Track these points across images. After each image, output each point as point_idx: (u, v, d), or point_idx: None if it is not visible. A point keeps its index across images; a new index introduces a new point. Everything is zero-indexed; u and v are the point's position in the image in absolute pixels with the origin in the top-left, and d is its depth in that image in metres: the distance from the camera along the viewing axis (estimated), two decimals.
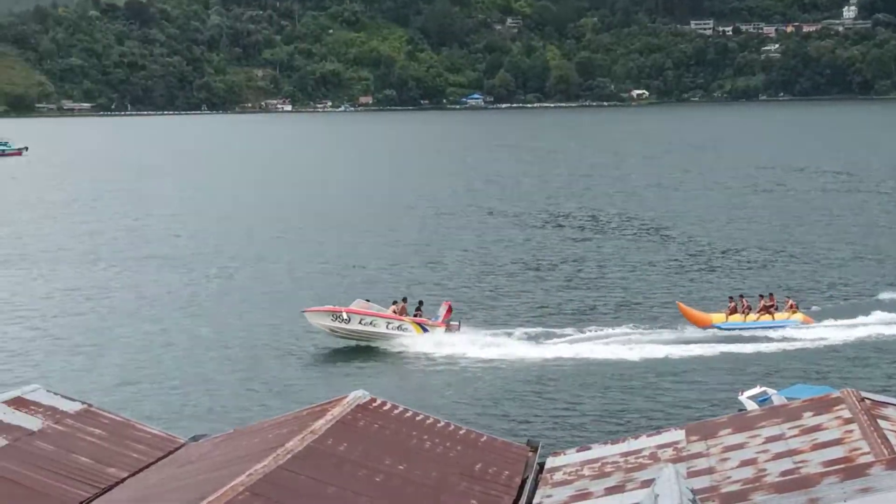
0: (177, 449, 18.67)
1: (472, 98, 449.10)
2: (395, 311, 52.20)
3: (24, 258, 79.25)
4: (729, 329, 52.01)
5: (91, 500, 15.97)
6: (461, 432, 18.08)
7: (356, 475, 15.24)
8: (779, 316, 52.67)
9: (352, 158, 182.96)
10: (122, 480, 16.87)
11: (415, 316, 52.23)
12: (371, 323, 51.43)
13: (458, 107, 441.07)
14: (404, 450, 16.66)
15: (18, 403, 19.00)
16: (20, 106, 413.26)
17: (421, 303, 53.60)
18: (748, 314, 53.05)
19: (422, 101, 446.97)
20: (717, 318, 53.15)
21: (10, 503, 15.38)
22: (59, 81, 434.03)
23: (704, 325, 52.47)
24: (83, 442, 18.07)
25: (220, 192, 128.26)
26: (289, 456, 15.15)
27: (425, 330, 51.42)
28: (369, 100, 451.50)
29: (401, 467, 15.87)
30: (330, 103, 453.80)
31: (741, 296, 54.71)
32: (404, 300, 53.29)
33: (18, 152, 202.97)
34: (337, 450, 15.92)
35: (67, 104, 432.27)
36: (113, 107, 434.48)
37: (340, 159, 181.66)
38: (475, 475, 16.25)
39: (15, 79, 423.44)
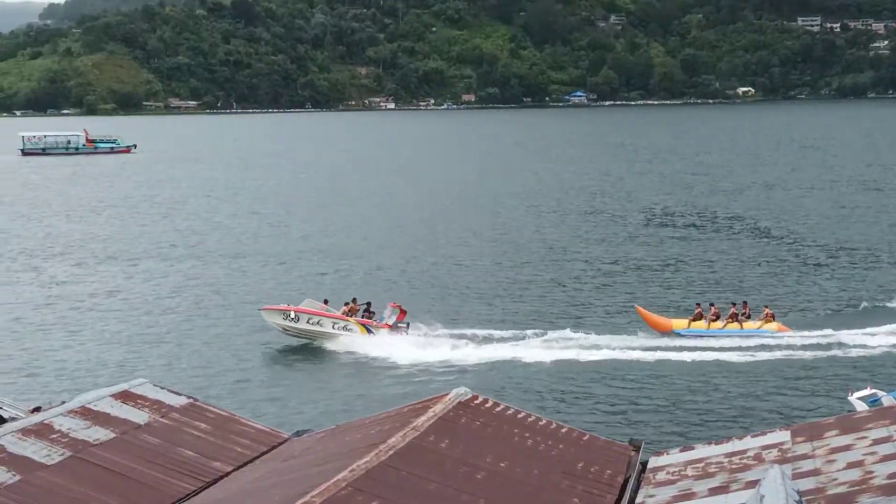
0: (280, 444, 18.81)
1: (574, 96, 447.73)
2: (344, 312, 53.09)
3: (131, 254, 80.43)
4: (689, 335, 50.99)
5: (196, 494, 16.15)
6: (563, 430, 18.00)
7: (457, 472, 15.24)
8: (749, 325, 51.28)
9: (456, 156, 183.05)
10: (227, 474, 17.05)
11: (363, 317, 52.86)
12: (318, 322, 52.58)
13: (560, 104, 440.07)
14: (506, 447, 16.62)
15: (125, 397, 19.29)
16: (128, 104, 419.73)
17: (369, 304, 53.78)
18: (712, 322, 51.81)
19: (524, 99, 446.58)
20: (678, 324, 52.06)
21: (116, 495, 15.61)
22: (166, 80, 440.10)
23: (663, 331, 51.57)
24: (189, 436, 18.28)
25: (324, 188, 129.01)
26: (391, 452, 15.19)
27: (369, 331, 52.18)
28: (471, 98, 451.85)
29: (502, 465, 15.84)
30: (432, 101, 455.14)
31: (711, 304, 53.52)
32: (354, 301, 54.04)
33: (127, 149, 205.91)
34: (438, 447, 15.93)
35: (174, 102, 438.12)
36: (219, 105, 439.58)
37: (445, 157, 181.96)
38: (577, 474, 16.16)
39: (123, 77, 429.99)
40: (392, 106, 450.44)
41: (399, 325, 52.49)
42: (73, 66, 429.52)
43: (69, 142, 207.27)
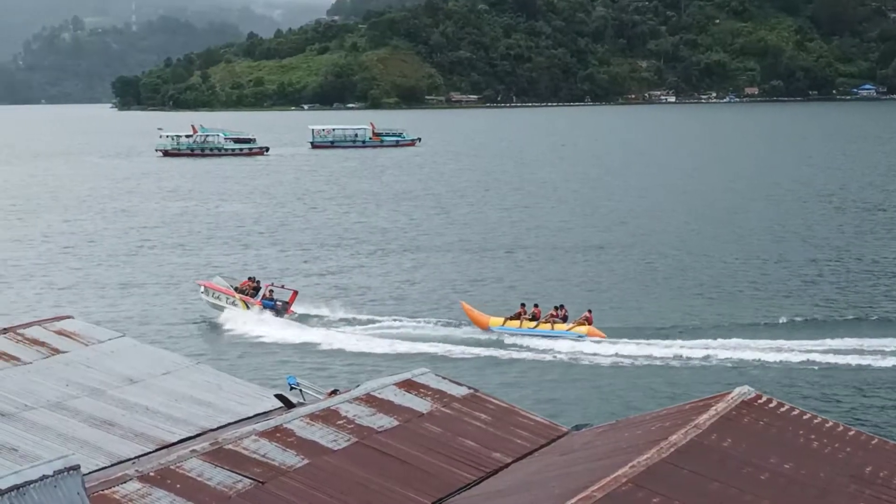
0: (559, 437, 18.83)
1: (863, 89, 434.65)
2: (236, 288, 57.69)
3: (415, 246, 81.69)
4: (503, 332, 51.95)
5: (476, 484, 16.33)
6: (850, 433, 17.46)
7: (740, 472, 14.96)
8: (560, 327, 51.39)
9: (743, 150, 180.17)
10: (507, 465, 17.18)
11: (249, 295, 57.25)
12: (216, 297, 57.60)
13: (848, 98, 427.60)
14: (790, 449, 16.23)
15: (409, 386, 19.69)
16: (410, 98, 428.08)
17: (258, 281, 58.79)
18: (527, 321, 52.25)
19: (810, 92, 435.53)
20: (495, 321, 52.77)
21: (399, 481, 15.92)
22: (447, 74, 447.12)
23: (483, 327, 52.66)
24: (469, 426, 18.50)
25: (607, 184, 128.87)
26: (672, 450, 15.03)
27: (248, 307, 56.46)
28: (755, 91, 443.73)
29: (786, 466, 15.47)
30: (714, 94, 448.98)
31: (536, 305, 53.21)
32: (250, 279, 59.15)
33: (412, 143, 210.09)
34: (720, 445, 15.68)
35: (455, 96, 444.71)
36: (498, 98, 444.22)
37: (739, 149, 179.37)
38: (865, 478, 15.65)
39: (406, 71, 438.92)
40: (672, 99, 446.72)
41: (285, 305, 56.49)
42: (359, 60, 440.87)
43: (356, 135, 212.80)
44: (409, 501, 15.43)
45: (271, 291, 57.60)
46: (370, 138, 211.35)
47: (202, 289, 59.10)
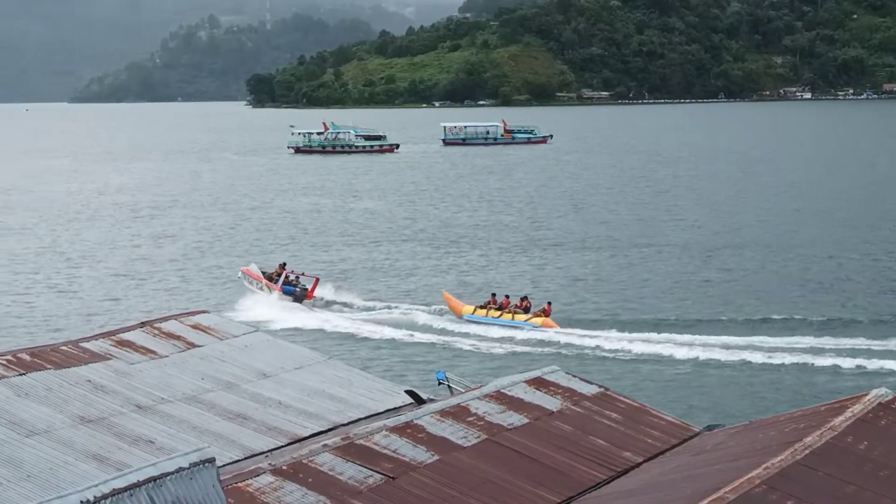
0: (691, 437, 18.67)
1: None
2: (268, 275, 61.89)
3: (534, 244, 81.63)
4: (473, 321, 54.45)
5: (606, 483, 16.26)
6: None
7: (877, 475, 14.69)
8: (520, 317, 53.68)
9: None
10: (637, 465, 17.08)
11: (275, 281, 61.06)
12: (251, 282, 62.37)
13: None
14: None
15: (539, 384, 19.67)
16: (541, 95, 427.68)
17: (284, 266, 63.32)
18: (492, 311, 54.85)
19: None
20: (467, 309, 55.62)
21: (529, 479, 15.92)
22: (579, 70, 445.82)
23: (458, 315, 55.55)
24: (600, 425, 18.42)
25: (737, 181, 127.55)
26: (807, 451, 14.81)
27: (271, 292, 60.50)
28: (894, 87, 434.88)
29: None
30: (851, 91, 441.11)
31: (507, 296, 55.98)
32: (281, 266, 63.18)
33: (543, 140, 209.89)
34: (856, 448, 15.41)
35: (586, 93, 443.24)
36: (630, 95, 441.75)
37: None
38: None
39: (538, 68, 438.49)
40: (808, 96, 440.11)
41: (304, 291, 60.22)
42: (490, 57, 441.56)
43: (488, 132, 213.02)
44: (538, 499, 15.41)
45: (297, 278, 61.75)
46: (502, 135, 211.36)
47: (240, 274, 64.05)
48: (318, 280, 61.30)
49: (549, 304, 54.58)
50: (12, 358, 17.79)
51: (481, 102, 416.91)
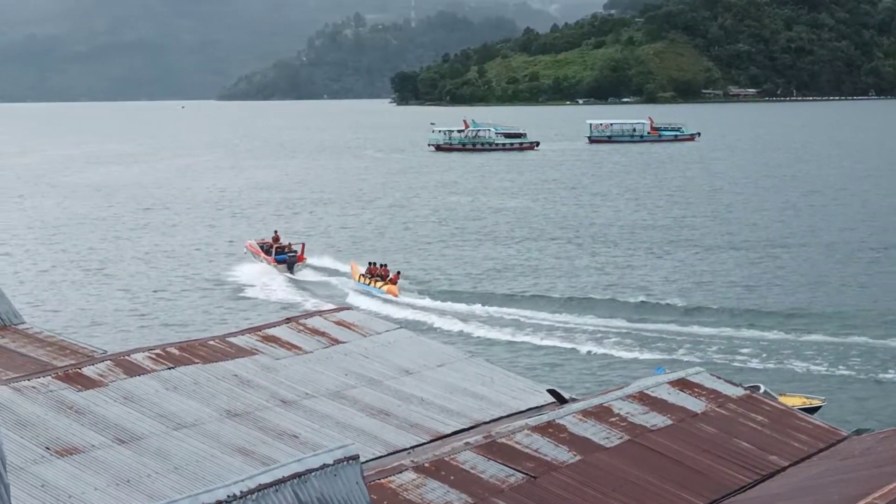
0: (839, 441, 18.32)
1: None
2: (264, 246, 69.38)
3: (685, 244, 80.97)
4: (357, 288, 61.40)
5: (751, 486, 16.04)
6: None
7: None
8: (377, 284, 59.91)
9: None
10: (783, 469, 16.82)
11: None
12: (254, 256, 70.04)
13: None
14: None
15: (683, 385, 19.48)
16: (687, 92, 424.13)
17: (277, 234, 71.30)
18: (363, 278, 61.34)
19: None
20: (354, 276, 62.93)
21: (671, 481, 15.78)
22: (725, 67, 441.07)
23: (355, 280, 62.76)
24: (745, 427, 18.18)
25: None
26: None
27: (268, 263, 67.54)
28: None
29: None
30: None
31: (384, 265, 62.33)
32: (275, 234, 70.90)
33: (691, 137, 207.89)
34: None
35: (733, 90, 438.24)
36: (778, 92, 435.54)
37: None
38: None
39: (683, 65, 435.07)
40: None
41: (291, 257, 66.94)
42: (635, 54, 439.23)
43: (634, 129, 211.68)
44: (682, 502, 15.27)
45: (289, 245, 68.43)
46: (648, 133, 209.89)
47: (245, 250, 71.98)
48: (303, 245, 69.11)
49: (399, 273, 61.53)
50: (161, 352, 18.13)
51: (625, 100, 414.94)
